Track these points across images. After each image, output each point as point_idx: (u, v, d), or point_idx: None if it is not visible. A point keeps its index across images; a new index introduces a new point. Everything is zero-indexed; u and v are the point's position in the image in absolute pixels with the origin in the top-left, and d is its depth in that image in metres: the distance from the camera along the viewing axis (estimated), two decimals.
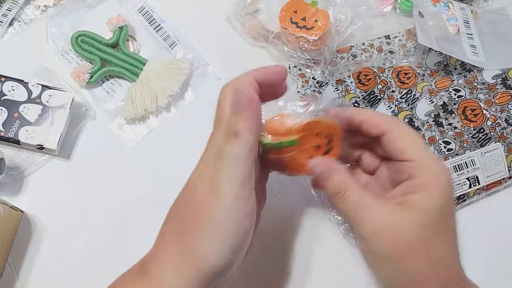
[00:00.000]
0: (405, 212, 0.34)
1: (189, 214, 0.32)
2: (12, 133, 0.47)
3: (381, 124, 0.36)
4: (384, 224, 0.34)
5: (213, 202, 0.31)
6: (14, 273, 0.45)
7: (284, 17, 0.50)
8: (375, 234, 0.34)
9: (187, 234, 0.31)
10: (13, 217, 0.45)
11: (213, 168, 0.31)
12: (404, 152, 0.35)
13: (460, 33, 0.53)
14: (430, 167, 0.34)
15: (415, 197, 0.34)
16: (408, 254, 0.34)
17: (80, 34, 0.52)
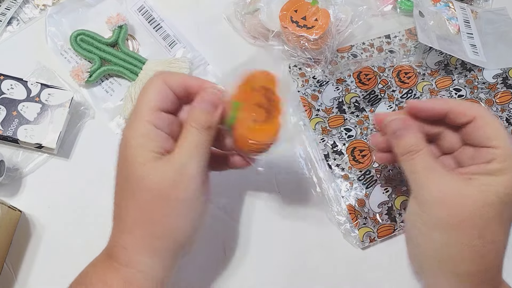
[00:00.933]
0: (475, 188, 0.34)
1: (157, 198, 0.33)
2: (10, 131, 0.46)
3: (469, 111, 0.36)
4: (451, 192, 0.34)
5: (182, 186, 0.33)
6: (12, 273, 0.45)
7: (284, 16, 0.50)
8: (439, 199, 0.34)
9: (158, 219, 0.34)
10: (12, 217, 0.45)
11: (179, 155, 0.34)
12: (492, 139, 0.35)
13: (460, 32, 0.53)
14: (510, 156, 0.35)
15: (490, 178, 0.34)
16: (465, 225, 0.34)
17: (79, 33, 0.52)
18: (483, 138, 0.36)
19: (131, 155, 0.34)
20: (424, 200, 0.35)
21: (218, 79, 0.52)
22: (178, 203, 0.34)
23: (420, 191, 0.36)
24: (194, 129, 0.35)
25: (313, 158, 0.49)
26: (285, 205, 0.48)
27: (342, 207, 0.47)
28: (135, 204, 0.34)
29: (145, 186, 0.33)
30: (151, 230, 0.34)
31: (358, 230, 0.46)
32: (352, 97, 0.50)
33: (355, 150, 0.49)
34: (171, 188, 0.33)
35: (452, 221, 0.34)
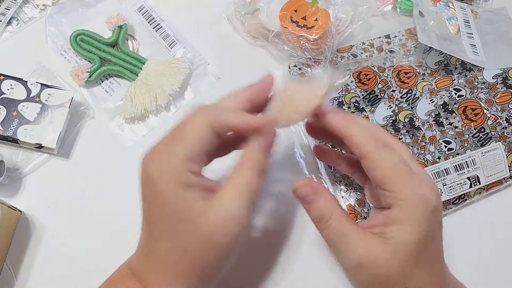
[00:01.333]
0: (384, 246, 0.33)
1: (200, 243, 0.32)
2: (10, 132, 0.46)
3: (362, 146, 0.34)
4: (364, 259, 0.33)
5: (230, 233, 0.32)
6: (12, 274, 0.45)
7: (284, 16, 0.50)
8: (355, 267, 0.34)
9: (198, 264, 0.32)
10: (11, 217, 0.45)
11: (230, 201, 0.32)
12: (383, 182, 0.33)
13: (460, 32, 0.53)
14: (409, 199, 0.33)
15: (393, 229, 0.33)
16: (388, 285, 0.33)
17: (79, 33, 0.52)
18: (376, 180, 0.34)
19: (177, 208, 0.32)
20: (346, 269, 0.35)
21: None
22: (223, 251, 0.32)
23: (340, 260, 0.35)
24: (250, 171, 0.33)
25: (313, 158, 0.49)
26: (285, 205, 0.48)
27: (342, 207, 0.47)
28: (186, 252, 0.32)
29: (188, 230, 0.32)
30: (201, 276, 0.32)
31: None
32: (352, 97, 0.50)
33: None
34: (219, 235, 0.32)
35: (377, 285, 0.33)
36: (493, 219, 0.48)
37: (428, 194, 0.33)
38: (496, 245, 0.47)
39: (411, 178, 0.33)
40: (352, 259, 0.33)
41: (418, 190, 0.33)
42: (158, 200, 0.32)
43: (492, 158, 0.48)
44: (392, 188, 0.33)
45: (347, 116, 0.35)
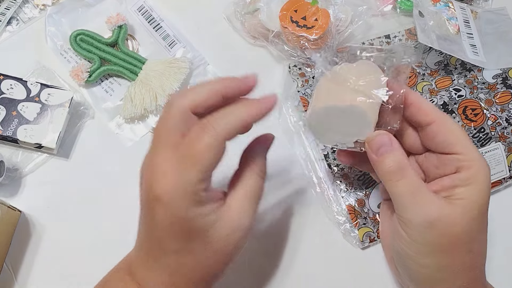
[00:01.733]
0: (455, 206, 0.34)
1: (209, 251, 0.32)
2: (10, 131, 0.46)
3: (432, 113, 0.35)
4: (437, 215, 0.33)
5: (238, 242, 0.33)
6: (12, 274, 0.45)
7: (284, 16, 0.50)
8: (427, 224, 0.34)
9: (206, 271, 0.33)
10: (11, 217, 0.45)
11: (238, 209, 0.33)
12: (454, 145, 0.35)
13: (460, 32, 0.53)
14: (478, 161, 0.34)
15: (464, 191, 0.34)
16: (453, 247, 0.34)
17: (79, 32, 0.52)
18: (446, 144, 0.35)
19: (192, 226, 0.31)
20: (411, 225, 0.35)
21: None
22: (232, 258, 0.34)
23: (406, 215, 0.35)
24: (256, 178, 0.34)
25: (313, 158, 0.49)
26: (285, 205, 0.48)
27: (341, 207, 0.47)
28: (199, 264, 0.33)
29: (201, 244, 0.32)
30: (209, 282, 0.34)
31: (358, 230, 0.46)
32: None
33: None
34: (229, 245, 0.33)
35: (444, 244, 0.34)
36: (493, 219, 0.47)
37: (485, 160, 0.35)
38: (496, 245, 0.47)
39: (472, 143, 0.35)
40: (425, 216, 0.33)
41: (481, 156, 0.35)
42: (169, 220, 0.31)
43: (492, 158, 0.48)
44: (461, 150, 0.34)
45: (411, 90, 0.36)
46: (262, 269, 0.45)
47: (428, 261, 0.35)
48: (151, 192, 0.31)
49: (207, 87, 0.33)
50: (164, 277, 0.33)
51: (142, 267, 0.34)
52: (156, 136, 0.33)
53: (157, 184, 0.31)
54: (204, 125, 0.31)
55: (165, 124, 0.32)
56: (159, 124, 0.33)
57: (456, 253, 0.34)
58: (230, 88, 0.33)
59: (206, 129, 0.31)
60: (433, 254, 0.34)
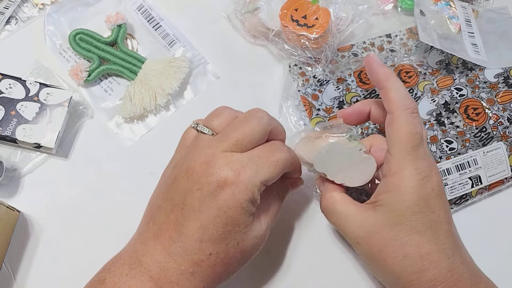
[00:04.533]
0: (377, 214, 0.36)
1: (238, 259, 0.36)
2: (9, 131, 0.46)
3: (394, 104, 0.37)
4: (362, 230, 0.36)
5: (258, 249, 0.38)
6: (11, 274, 0.44)
7: (284, 15, 0.50)
8: (356, 239, 0.37)
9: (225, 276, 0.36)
10: (10, 217, 0.45)
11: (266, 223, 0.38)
12: (392, 145, 0.36)
13: (461, 31, 0.53)
14: (404, 166, 0.35)
15: (385, 197, 0.36)
16: (385, 253, 0.35)
17: (78, 32, 0.51)
18: (388, 138, 0.37)
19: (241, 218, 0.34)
20: (352, 245, 0.39)
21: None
22: (248, 262, 0.37)
23: (345, 236, 0.39)
24: (279, 201, 0.40)
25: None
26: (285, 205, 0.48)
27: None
28: (226, 257, 0.35)
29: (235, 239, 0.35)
30: (221, 281, 0.36)
31: None
32: (353, 97, 0.50)
33: None
34: (251, 250, 0.36)
35: (375, 254, 0.36)
36: (494, 219, 0.48)
37: (424, 168, 0.35)
38: (497, 245, 0.47)
39: (415, 151, 0.35)
40: (353, 233, 0.37)
41: (415, 162, 0.35)
42: (226, 206, 0.33)
43: (494, 158, 0.47)
44: (396, 154, 0.35)
45: (390, 73, 0.38)
46: (262, 268, 0.45)
47: (374, 269, 0.38)
48: (220, 176, 0.33)
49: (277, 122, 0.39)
50: (187, 265, 0.34)
51: (160, 254, 0.34)
52: (226, 135, 0.36)
53: (231, 170, 0.34)
54: (282, 145, 0.38)
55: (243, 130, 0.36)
56: (235, 128, 0.36)
57: (390, 259, 0.35)
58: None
59: (284, 148, 0.38)
60: (372, 263, 0.37)
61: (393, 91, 0.37)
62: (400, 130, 0.35)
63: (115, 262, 0.36)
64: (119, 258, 0.36)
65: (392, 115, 0.36)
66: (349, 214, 0.37)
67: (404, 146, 0.35)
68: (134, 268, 0.34)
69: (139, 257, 0.34)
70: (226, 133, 0.36)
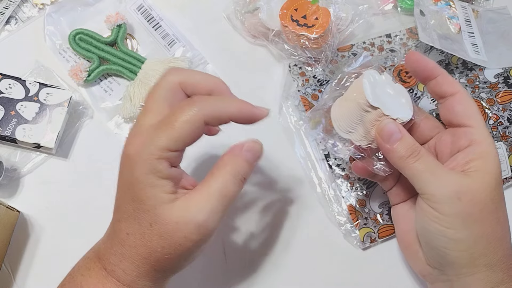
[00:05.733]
0: (473, 177, 0.35)
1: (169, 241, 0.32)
2: (8, 131, 0.46)
3: (456, 85, 0.38)
4: (459, 186, 0.35)
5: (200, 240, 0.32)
6: (10, 274, 0.44)
7: (284, 15, 0.50)
8: (453, 194, 0.35)
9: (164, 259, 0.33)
10: (10, 217, 0.45)
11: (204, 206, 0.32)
12: (470, 117, 0.37)
13: (461, 31, 0.53)
14: (488, 137, 0.37)
15: (478, 163, 0.36)
16: (482, 215, 0.35)
17: (78, 32, 0.51)
18: (464, 116, 0.37)
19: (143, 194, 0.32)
20: (439, 199, 0.35)
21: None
22: (179, 251, 0.32)
23: (431, 191, 0.35)
24: (232, 179, 0.33)
25: (313, 158, 0.49)
26: (285, 206, 0.48)
27: (342, 207, 0.46)
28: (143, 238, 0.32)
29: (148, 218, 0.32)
30: (155, 266, 0.33)
31: (358, 230, 0.46)
32: None
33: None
34: (177, 236, 0.32)
35: (474, 213, 0.34)
36: None
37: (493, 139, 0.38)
38: None
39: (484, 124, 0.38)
40: (450, 187, 0.35)
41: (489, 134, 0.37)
42: (128, 182, 0.32)
43: None
44: (476, 124, 0.37)
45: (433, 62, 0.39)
46: (262, 269, 0.45)
47: (463, 234, 0.35)
48: (124, 150, 0.33)
49: (202, 74, 0.35)
50: (116, 246, 0.33)
51: (105, 236, 0.35)
52: (144, 105, 0.34)
53: (130, 142, 0.32)
54: (191, 101, 0.32)
55: (153, 93, 0.34)
56: (149, 93, 0.34)
57: (487, 222, 0.35)
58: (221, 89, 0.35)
59: (191, 105, 0.32)
60: (466, 225, 0.35)
61: (449, 76, 0.39)
62: (473, 105, 0.38)
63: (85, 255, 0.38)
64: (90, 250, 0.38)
65: (458, 94, 0.38)
66: (441, 167, 0.36)
67: (481, 118, 0.37)
68: (94, 251, 0.36)
69: (99, 241, 0.36)
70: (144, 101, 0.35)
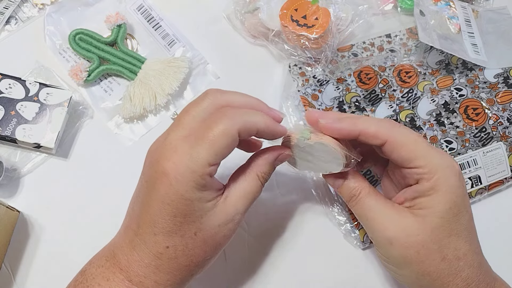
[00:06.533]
0: (416, 217, 0.34)
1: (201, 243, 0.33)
2: (8, 131, 0.46)
3: (380, 134, 0.35)
4: (397, 230, 0.35)
5: (227, 234, 0.35)
6: (10, 274, 0.44)
7: (284, 15, 0.50)
8: (390, 239, 0.35)
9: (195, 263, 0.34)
10: (10, 217, 0.45)
11: (234, 205, 0.34)
12: (409, 160, 0.34)
13: (461, 31, 0.53)
14: (437, 169, 0.34)
15: (424, 201, 0.34)
16: (420, 256, 0.34)
17: (78, 32, 0.51)
18: (402, 160, 0.35)
19: (189, 208, 0.32)
20: (377, 243, 0.37)
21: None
22: (218, 250, 0.35)
23: (371, 234, 0.37)
24: (257, 179, 0.35)
25: None
26: (285, 206, 0.48)
27: (342, 207, 0.46)
28: (186, 249, 0.33)
29: (194, 228, 0.33)
30: (193, 271, 0.34)
31: (358, 230, 0.46)
32: (353, 97, 0.50)
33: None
34: (219, 236, 0.34)
35: (411, 255, 0.34)
36: (494, 219, 0.48)
37: (451, 161, 0.35)
38: (497, 245, 0.47)
39: (433, 149, 0.35)
40: (387, 230, 0.35)
41: (442, 159, 0.34)
42: (168, 199, 0.32)
43: (494, 158, 0.47)
44: (418, 163, 0.34)
45: (348, 118, 0.36)
46: (262, 269, 0.45)
47: (405, 272, 0.36)
48: (158, 167, 0.32)
49: (245, 96, 0.35)
50: (149, 259, 0.33)
51: (127, 247, 0.34)
52: (177, 119, 0.34)
53: (166, 159, 0.32)
54: (224, 112, 0.33)
55: (191, 111, 0.34)
56: (186, 110, 0.34)
57: (427, 262, 0.34)
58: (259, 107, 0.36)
59: (225, 117, 0.32)
60: (403, 265, 0.35)
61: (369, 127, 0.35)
62: (409, 144, 0.34)
63: (97, 255, 0.37)
64: (100, 251, 0.37)
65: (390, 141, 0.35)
66: (383, 211, 0.35)
67: (425, 151, 0.34)
68: (109, 260, 0.35)
69: (113, 249, 0.35)
70: (176, 118, 0.35)
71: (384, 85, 0.51)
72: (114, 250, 0.35)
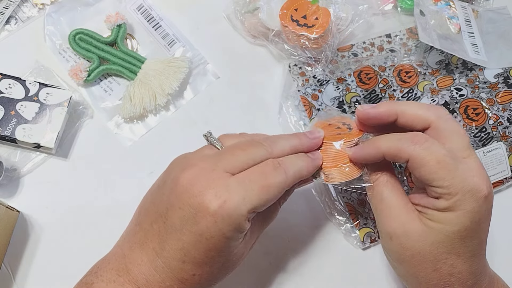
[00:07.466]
0: (423, 225, 0.34)
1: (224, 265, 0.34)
2: (8, 131, 0.46)
3: (402, 153, 0.34)
4: (400, 230, 0.35)
5: (244, 255, 0.36)
6: (10, 274, 0.44)
7: (284, 15, 0.50)
8: (390, 235, 0.35)
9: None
10: (9, 217, 0.45)
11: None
12: (429, 180, 0.33)
13: (461, 31, 0.53)
14: (457, 192, 0.33)
15: (436, 214, 0.34)
16: (416, 261, 0.35)
17: (78, 32, 0.51)
18: (423, 179, 0.34)
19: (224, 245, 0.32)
20: (380, 231, 0.37)
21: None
22: (234, 269, 0.36)
23: (376, 221, 0.38)
24: (278, 205, 0.38)
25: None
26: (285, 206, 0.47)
27: (342, 207, 0.46)
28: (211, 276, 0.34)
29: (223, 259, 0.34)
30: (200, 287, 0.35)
31: (358, 230, 0.46)
32: (353, 97, 0.50)
33: None
34: (239, 261, 0.35)
35: (406, 255, 0.35)
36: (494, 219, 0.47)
37: (478, 183, 0.33)
38: (497, 245, 0.47)
39: (458, 170, 0.33)
40: (387, 227, 0.36)
41: (466, 182, 0.33)
42: (207, 233, 0.32)
43: (494, 158, 0.47)
44: (439, 184, 0.33)
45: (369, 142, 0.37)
46: (262, 269, 0.45)
47: (397, 266, 0.37)
48: (202, 199, 0.31)
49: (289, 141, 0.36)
50: (171, 281, 0.33)
51: (145, 266, 0.33)
52: (229, 152, 0.34)
53: (215, 195, 0.31)
54: (279, 165, 0.34)
55: (249, 151, 0.34)
56: (241, 147, 0.34)
57: (419, 267, 0.35)
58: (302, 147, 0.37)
59: (280, 169, 0.34)
60: (398, 261, 0.36)
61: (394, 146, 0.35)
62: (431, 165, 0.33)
63: (103, 266, 0.35)
64: (107, 261, 0.35)
65: (412, 159, 0.34)
66: (394, 206, 0.35)
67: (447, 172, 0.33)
68: (122, 276, 0.34)
69: (126, 264, 0.34)
70: (225, 150, 0.34)
71: (384, 85, 0.51)
72: (127, 266, 0.34)
